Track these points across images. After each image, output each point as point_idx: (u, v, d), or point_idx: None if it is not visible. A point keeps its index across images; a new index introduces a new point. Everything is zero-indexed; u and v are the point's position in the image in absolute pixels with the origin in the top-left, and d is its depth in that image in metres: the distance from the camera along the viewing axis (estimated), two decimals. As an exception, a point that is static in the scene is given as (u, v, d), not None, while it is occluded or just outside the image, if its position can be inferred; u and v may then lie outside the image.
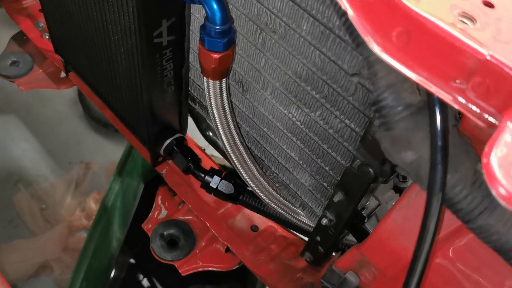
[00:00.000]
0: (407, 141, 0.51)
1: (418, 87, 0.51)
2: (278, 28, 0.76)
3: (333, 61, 0.71)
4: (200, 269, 1.23)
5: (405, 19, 0.46)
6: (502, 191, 0.39)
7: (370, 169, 0.73)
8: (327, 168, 0.85)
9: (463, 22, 0.46)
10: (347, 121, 0.75)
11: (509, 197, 0.39)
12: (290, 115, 0.85)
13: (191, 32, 0.94)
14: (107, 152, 2.44)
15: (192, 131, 1.28)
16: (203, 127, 1.31)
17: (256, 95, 0.90)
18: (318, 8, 0.68)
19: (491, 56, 0.42)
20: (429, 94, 0.48)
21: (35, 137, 2.47)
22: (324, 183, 0.88)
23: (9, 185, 2.26)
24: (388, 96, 0.51)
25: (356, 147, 0.76)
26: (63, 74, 1.54)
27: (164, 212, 1.29)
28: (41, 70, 1.51)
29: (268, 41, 0.79)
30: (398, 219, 0.66)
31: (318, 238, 0.96)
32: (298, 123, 0.85)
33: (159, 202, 1.31)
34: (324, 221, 0.90)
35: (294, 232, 1.18)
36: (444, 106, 0.48)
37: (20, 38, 1.54)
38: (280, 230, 1.21)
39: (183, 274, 1.23)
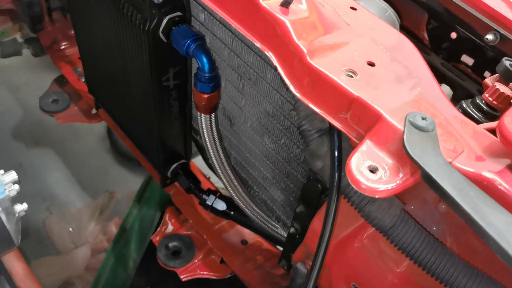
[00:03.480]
0: (317, 154, 0.74)
1: (326, 117, 0.75)
2: (252, 76, 1.01)
3: (289, 102, 0.95)
4: (197, 276, 1.45)
5: (311, 73, 0.70)
6: (356, 183, 0.61)
7: (318, 184, 0.96)
8: (291, 185, 1.08)
9: (348, 75, 0.70)
10: (301, 147, 0.99)
11: (357, 185, 0.61)
12: (264, 143, 1.10)
13: (192, 78, 1.20)
14: (130, 183, 2.71)
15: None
16: (206, 156, 1.56)
17: (240, 127, 1.15)
18: (277, 63, 0.93)
19: (357, 96, 0.66)
20: (328, 122, 0.71)
21: (67, 167, 2.76)
22: (291, 198, 1.11)
23: (42, 209, 2.54)
24: (306, 123, 0.75)
25: (308, 167, 0.99)
26: (94, 111, 1.83)
27: (170, 227, 1.53)
28: (76, 107, 1.80)
29: (246, 86, 1.05)
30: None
31: (289, 246, 1.17)
32: (270, 149, 1.09)
33: (167, 219, 1.55)
34: (292, 230, 1.12)
35: (276, 245, 1.40)
36: (338, 130, 0.71)
37: (60, 80, 1.85)
38: (265, 244, 1.42)
39: (183, 280, 1.45)
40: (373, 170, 0.62)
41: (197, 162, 1.63)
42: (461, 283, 0.68)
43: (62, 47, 1.86)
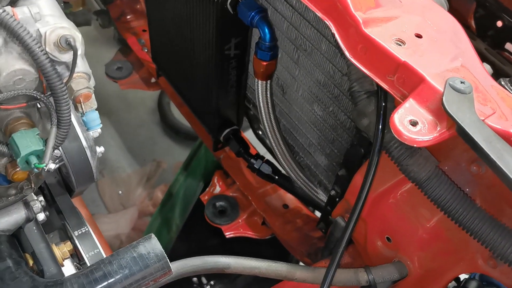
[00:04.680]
0: (364, 112, 0.84)
1: (374, 81, 0.85)
2: (307, 47, 1.12)
3: (340, 71, 1.05)
4: (240, 234, 1.58)
5: (364, 40, 0.80)
6: (398, 134, 0.71)
7: (361, 149, 1.06)
8: (335, 151, 1.19)
9: (397, 44, 0.79)
10: (348, 114, 1.09)
11: (399, 135, 0.71)
12: (313, 111, 1.20)
13: (251, 49, 1.32)
14: (176, 154, 2.87)
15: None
16: (255, 127, 1.68)
17: (292, 96, 1.26)
18: (331, 35, 1.03)
19: (404, 61, 0.75)
20: (376, 84, 0.81)
21: (119, 136, 2.95)
22: (334, 163, 1.21)
23: (95, 171, 2.73)
24: (357, 85, 0.85)
25: (354, 133, 1.09)
26: (153, 80, 1.98)
27: (218, 189, 1.66)
28: (138, 76, 1.96)
29: (301, 56, 1.16)
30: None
31: (329, 208, 1.28)
32: (318, 116, 1.19)
33: (215, 181, 1.68)
34: (332, 192, 1.22)
35: (314, 212, 1.50)
36: (384, 91, 0.81)
37: (125, 50, 2.01)
38: (305, 210, 1.54)
39: (227, 237, 1.58)
40: (414, 124, 0.71)
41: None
42: (484, 233, 0.77)
43: (128, 20, 2.01)
